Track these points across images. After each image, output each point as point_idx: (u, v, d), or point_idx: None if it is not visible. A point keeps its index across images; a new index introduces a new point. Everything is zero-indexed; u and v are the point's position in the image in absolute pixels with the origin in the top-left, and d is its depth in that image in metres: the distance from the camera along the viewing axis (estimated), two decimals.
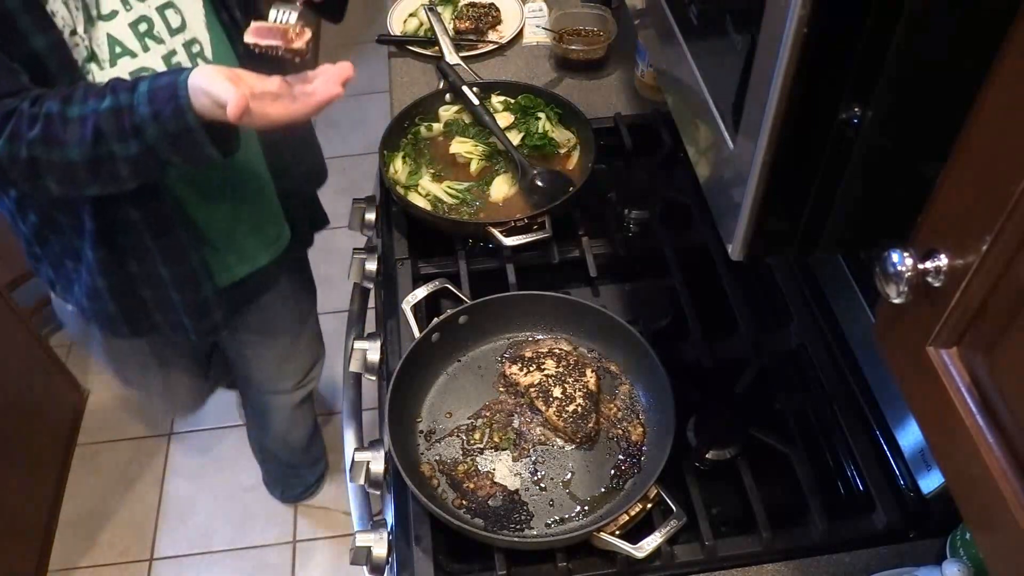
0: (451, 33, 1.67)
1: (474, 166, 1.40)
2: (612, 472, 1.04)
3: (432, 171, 1.40)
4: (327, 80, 0.94)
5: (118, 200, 1.08)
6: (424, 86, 1.58)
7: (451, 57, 1.59)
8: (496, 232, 1.25)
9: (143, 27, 1.07)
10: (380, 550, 0.99)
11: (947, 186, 0.55)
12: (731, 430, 1.07)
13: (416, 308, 1.18)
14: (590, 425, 1.06)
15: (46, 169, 0.95)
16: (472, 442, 1.07)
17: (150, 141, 0.93)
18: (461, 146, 1.42)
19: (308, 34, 1.00)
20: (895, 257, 0.54)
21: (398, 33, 1.72)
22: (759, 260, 1.23)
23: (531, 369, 1.11)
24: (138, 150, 0.94)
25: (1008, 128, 0.48)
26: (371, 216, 1.38)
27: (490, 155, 1.41)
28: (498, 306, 1.18)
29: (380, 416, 1.12)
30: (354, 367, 1.18)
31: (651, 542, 0.93)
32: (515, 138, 1.41)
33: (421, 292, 1.19)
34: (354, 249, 1.34)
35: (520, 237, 1.25)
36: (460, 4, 1.76)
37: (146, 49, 1.07)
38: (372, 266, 1.31)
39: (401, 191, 1.35)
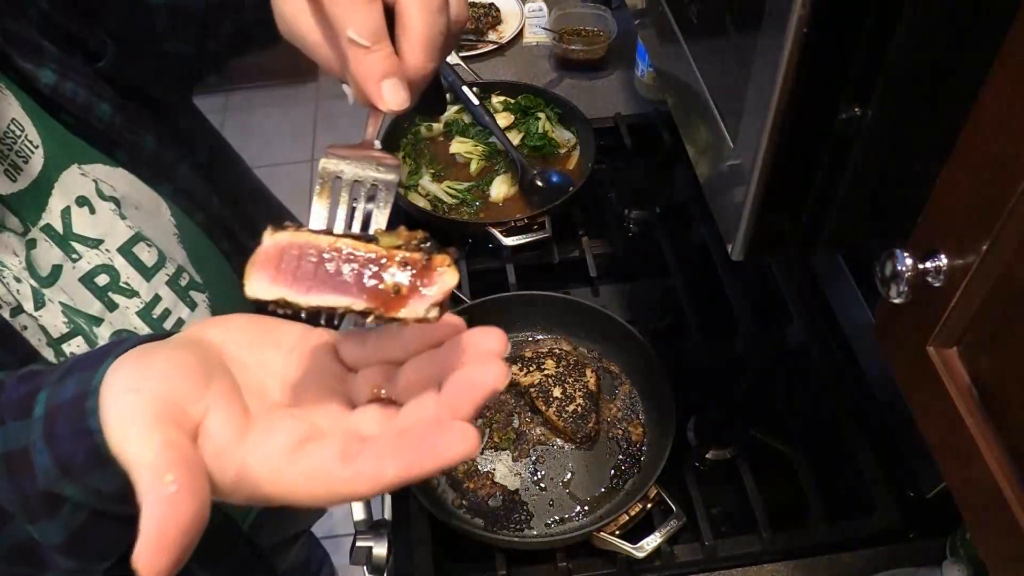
0: None
1: (474, 166, 1.40)
2: (612, 472, 1.04)
3: (432, 171, 1.40)
4: (455, 405, 0.40)
5: None
6: None
7: (451, 57, 1.58)
8: (496, 232, 1.25)
9: (102, 280, 0.75)
10: (380, 550, 0.99)
11: (947, 186, 0.55)
12: (731, 430, 1.07)
13: None
14: (590, 425, 1.05)
15: None
16: None
17: (78, 516, 0.47)
18: (461, 146, 1.42)
19: (450, 277, 0.40)
20: (895, 257, 0.54)
21: None
22: (759, 260, 1.23)
23: (531, 369, 1.11)
24: (64, 532, 0.48)
25: (1008, 128, 0.48)
26: None
27: (490, 155, 1.41)
28: (498, 306, 1.18)
29: None
30: None
31: (651, 542, 0.93)
32: (515, 138, 1.41)
33: None
34: None
35: (520, 237, 1.25)
36: None
37: (112, 307, 0.76)
38: None
39: (401, 191, 1.35)
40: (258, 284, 0.40)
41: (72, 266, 0.74)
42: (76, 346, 0.73)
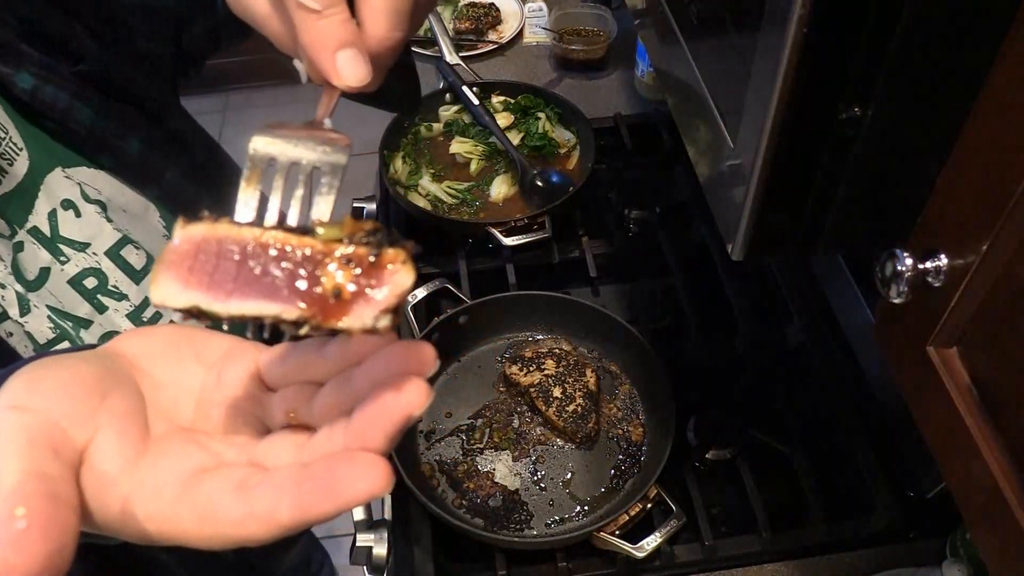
0: (451, 33, 1.67)
1: (474, 166, 1.40)
2: (612, 472, 1.04)
3: (432, 171, 1.40)
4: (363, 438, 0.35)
5: None
6: (424, 86, 1.57)
7: (451, 57, 1.58)
8: (496, 232, 1.25)
9: (90, 282, 0.75)
10: (380, 550, 0.99)
11: (947, 186, 0.55)
12: (731, 430, 1.07)
13: (416, 308, 1.18)
14: (590, 425, 1.05)
15: None
16: (472, 442, 1.07)
17: None
18: (461, 146, 1.42)
19: (403, 277, 0.33)
20: (895, 257, 0.54)
21: None
22: (759, 260, 1.23)
23: (531, 369, 1.10)
24: None
25: (1008, 128, 0.48)
26: (371, 216, 1.38)
27: (490, 155, 1.41)
28: (498, 306, 1.18)
29: None
30: None
31: (651, 542, 0.93)
32: (515, 138, 1.41)
33: (421, 292, 1.19)
34: None
35: (520, 237, 1.25)
36: (460, 4, 1.75)
37: (102, 310, 0.76)
38: None
39: (401, 191, 1.35)
40: (167, 289, 0.33)
41: (60, 268, 0.73)
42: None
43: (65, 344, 0.74)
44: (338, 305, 0.32)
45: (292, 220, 0.37)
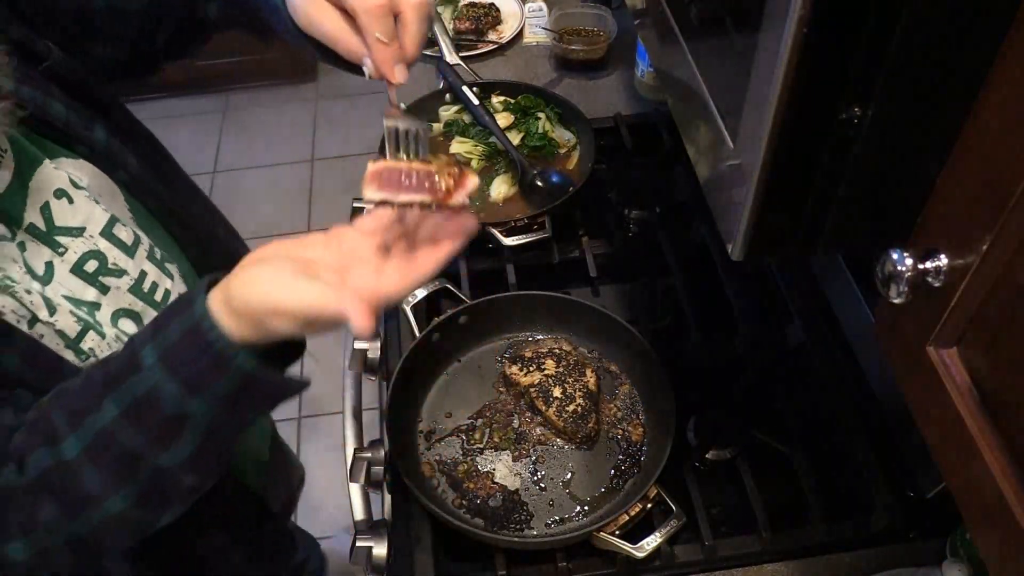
0: (451, 33, 1.67)
1: (474, 166, 1.40)
2: (612, 472, 1.04)
3: None
4: (446, 227, 0.64)
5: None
6: (424, 86, 1.58)
7: (451, 57, 1.58)
8: (496, 232, 1.25)
9: (91, 266, 0.79)
10: (380, 550, 0.99)
11: (947, 186, 0.55)
12: (731, 430, 1.07)
13: (416, 308, 1.18)
14: (590, 425, 1.05)
15: (98, 549, 0.68)
16: (472, 442, 1.07)
17: (202, 423, 0.62)
18: (461, 146, 1.42)
19: (473, 180, 0.65)
20: (895, 257, 0.54)
21: None
22: (759, 260, 1.23)
23: (531, 369, 1.11)
24: (193, 444, 0.63)
25: (1008, 128, 0.48)
26: None
27: (490, 155, 1.41)
28: (498, 306, 1.18)
29: (380, 416, 1.12)
30: (354, 367, 1.18)
31: (651, 542, 0.93)
32: (515, 138, 1.41)
33: (421, 292, 1.19)
34: None
35: (520, 237, 1.25)
36: (460, 4, 1.75)
37: (105, 290, 0.80)
38: None
39: None
40: (371, 191, 0.63)
41: (60, 259, 0.76)
42: (91, 341, 0.77)
43: (91, 334, 0.77)
44: (447, 194, 0.63)
45: (417, 157, 0.67)
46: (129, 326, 0.81)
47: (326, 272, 0.60)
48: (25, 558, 0.64)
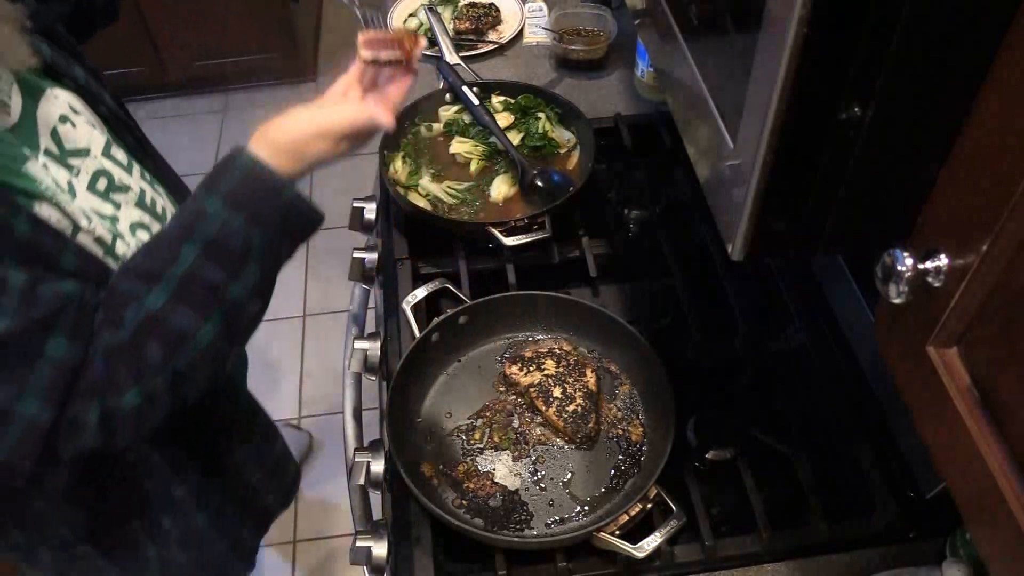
0: (451, 33, 1.67)
1: (474, 166, 1.40)
2: (612, 472, 1.04)
3: (432, 171, 1.40)
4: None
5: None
6: (424, 86, 1.58)
7: (451, 57, 1.58)
8: (496, 232, 1.25)
9: (102, 184, 0.87)
10: (380, 550, 0.99)
11: (947, 186, 0.55)
12: (731, 430, 1.07)
13: (416, 308, 1.18)
14: (590, 425, 1.06)
15: (187, 386, 0.77)
16: (472, 442, 1.07)
17: (261, 251, 0.75)
18: (461, 146, 1.42)
19: (423, 41, 0.87)
20: (895, 257, 0.54)
21: None
22: (759, 260, 1.23)
23: (531, 369, 1.11)
24: (259, 270, 0.76)
25: (1008, 128, 0.48)
26: (371, 216, 1.38)
27: (490, 155, 1.41)
28: (498, 306, 1.18)
29: (380, 416, 1.13)
30: (354, 367, 1.18)
31: (651, 542, 0.93)
32: (515, 138, 1.41)
33: (421, 292, 1.19)
34: (354, 249, 1.34)
35: (520, 237, 1.25)
36: (460, 4, 1.76)
37: (117, 206, 0.88)
38: (372, 266, 1.32)
39: (401, 191, 1.35)
40: (365, 53, 0.83)
41: (76, 179, 0.84)
42: (122, 248, 0.87)
43: (120, 243, 0.86)
44: (409, 52, 0.84)
45: (383, 29, 0.94)
46: (145, 236, 0.90)
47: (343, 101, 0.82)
48: (137, 403, 0.73)
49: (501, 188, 1.36)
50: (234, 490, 1.16)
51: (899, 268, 0.53)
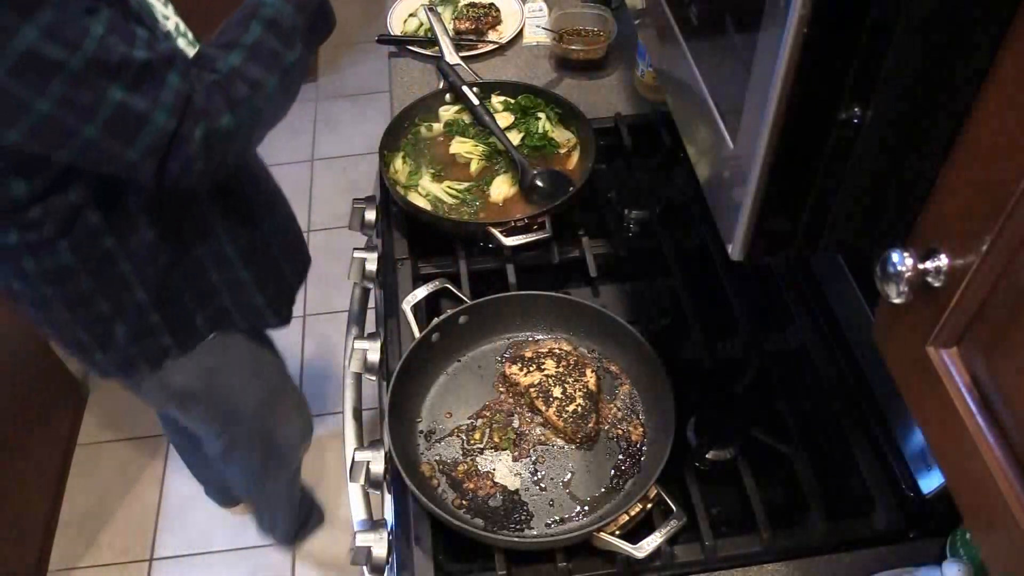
0: (451, 33, 1.67)
1: (474, 166, 1.40)
2: (612, 472, 1.04)
3: (432, 171, 1.40)
4: None
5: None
6: (424, 86, 1.58)
7: (451, 57, 1.58)
8: (496, 232, 1.25)
9: (171, 24, 1.09)
10: (380, 550, 0.99)
11: (947, 186, 0.55)
12: (731, 430, 1.07)
13: (416, 308, 1.18)
14: (590, 425, 1.06)
15: (259, 126, 1.01)
16: (472, 442, 1.07)
17: (301, 32, 1.01)
18: (461, 146, 1.42)
19: None
20: (895, 257, 0.54)
21: (398, 33, 1.72)
22: (759, 260, 1.23)
23: (531, 369, 1.11)
24: (301, 48, 1.02)
25: (1008, 128, 0.48)
26: (371, 216, 1.38)
27: (490, 155, 1.41)
28: (498, 306, 1.18)
29: (380, 416, 1.12)
30: (354, 367, 1.18)
31: (651, 542, 0.93)
32: (515, 138, 1.41)
33: (421, 292, 1.19)
34: (354, 249, 1.34)
35: (520, 237, 1.25)
36: (460, 4, 1.76)
37: (190, 44, 1.11)
38: (372, 266, 1.32)
39: (401, 191, 1.35)
40: None
41: (164, 27, 1.05)
42: (184, 42, 1.09)
43: (181, 40, 1.09)
44: None
45: None
46: (183, 42, 1.10)
47: None
48: (230, 127, 0.94)
49: (501, 188, 1.36)
50: (265, 253, 1.31)
51: (899, 268, 0.53)
